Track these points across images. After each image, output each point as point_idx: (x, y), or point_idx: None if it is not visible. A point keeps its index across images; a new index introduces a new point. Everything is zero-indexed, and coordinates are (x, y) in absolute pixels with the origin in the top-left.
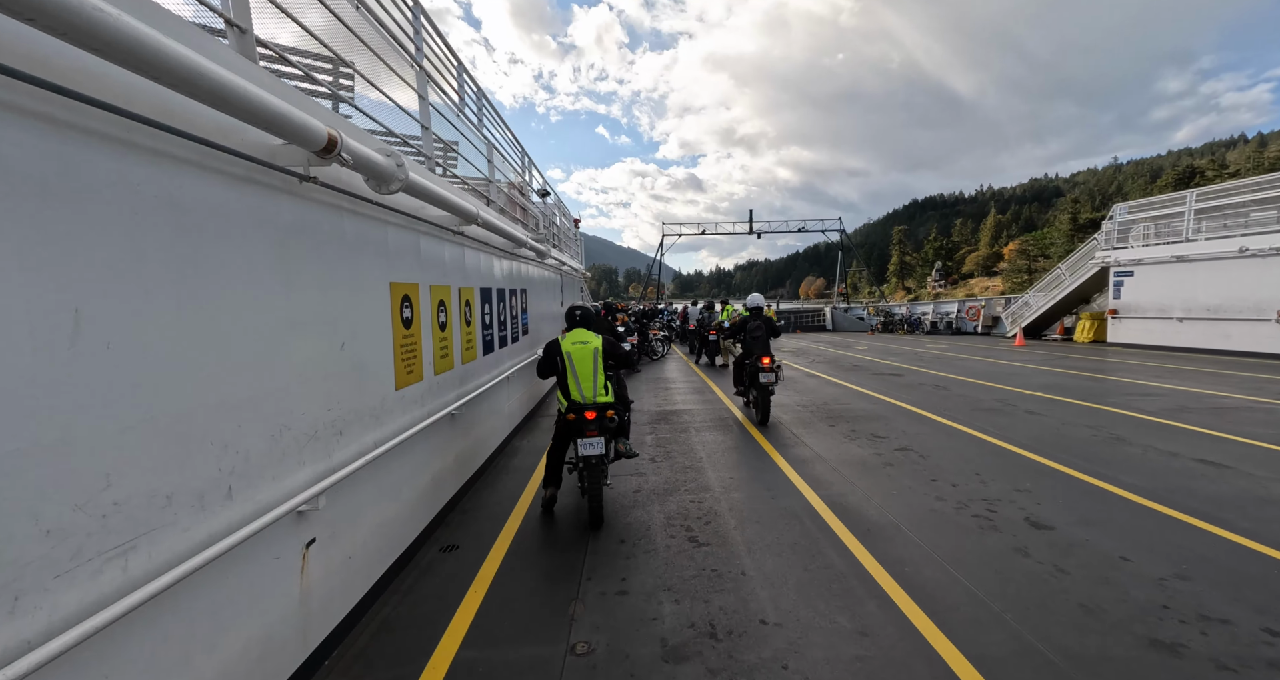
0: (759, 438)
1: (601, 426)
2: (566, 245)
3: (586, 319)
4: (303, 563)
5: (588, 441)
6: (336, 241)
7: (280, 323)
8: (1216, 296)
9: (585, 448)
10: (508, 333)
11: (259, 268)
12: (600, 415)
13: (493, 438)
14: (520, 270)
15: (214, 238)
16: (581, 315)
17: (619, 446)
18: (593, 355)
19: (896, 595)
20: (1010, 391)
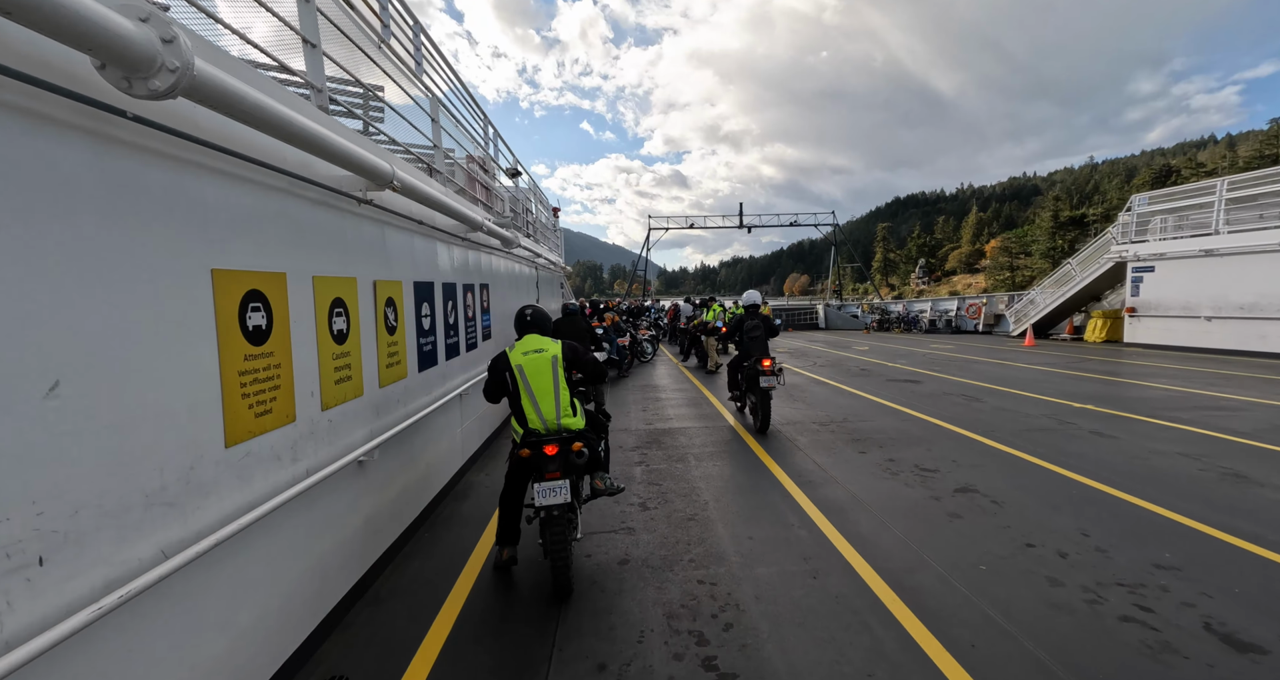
0: (776, 470)
1: (566, 464)
2: (544, 237)
3: (539, 321)
4: None
5: (548, 486)
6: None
7: None
8: (1251, 293)
9: (544, 495)
10: (459, 339)
11: None
12: (564, 449)
13: (435, 477)
14: (479, 261)
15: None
16: (533, 316)
17: (596, 482)
18: (550, 366)
19: None
20: (1056, 404)
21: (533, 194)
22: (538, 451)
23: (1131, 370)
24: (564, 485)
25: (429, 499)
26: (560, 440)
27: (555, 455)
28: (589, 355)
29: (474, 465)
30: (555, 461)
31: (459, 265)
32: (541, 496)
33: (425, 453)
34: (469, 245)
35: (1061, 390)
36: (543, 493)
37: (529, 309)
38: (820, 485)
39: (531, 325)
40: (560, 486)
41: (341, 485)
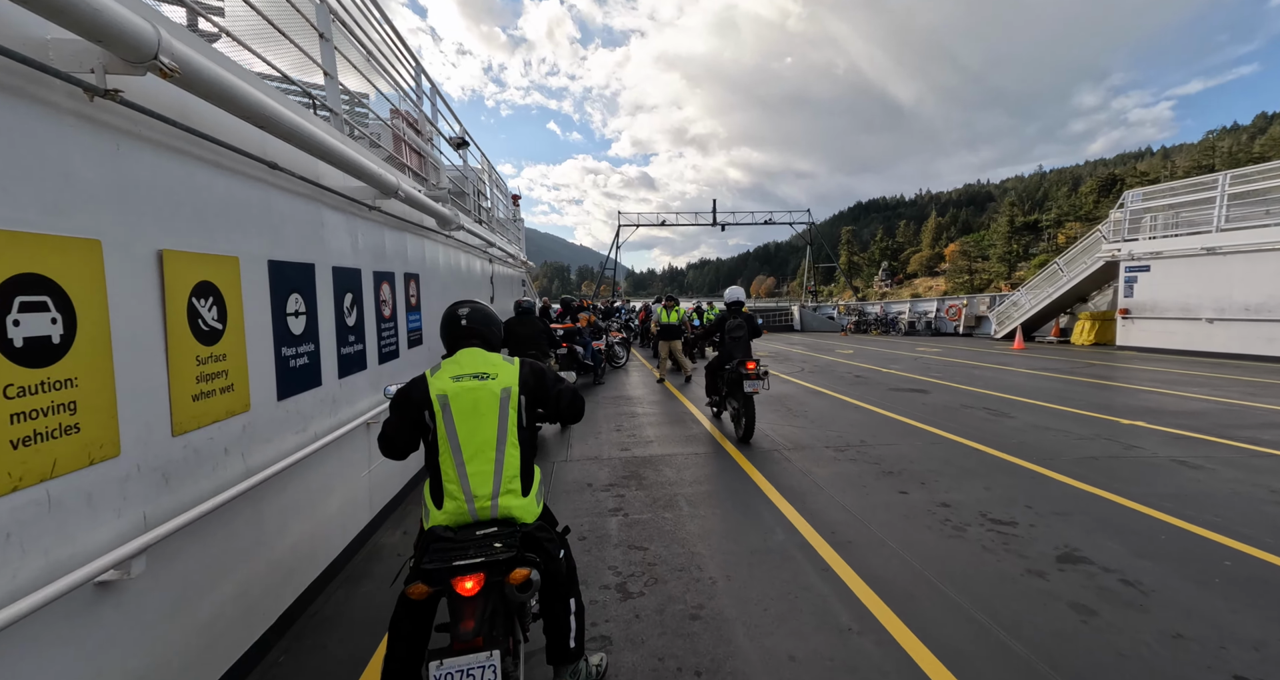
0: (799, 521)
1: (495, 617)
2: (502, 228)
3: (482, 327)
4: None
5: (455, 667)
6: None
7: None
8: (1258, 294)
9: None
10: (366, 346)
11: None
12: (493, 581)
13: (314, 555)
14: (403, 244)
15: None
16: (470, 318)
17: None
18: (498, 404)
19: None
20: (1098, 420)
21: (487, 175)
22: (444, 587)
23: (1148, 377)
24: (488, 664)
25: (299, 590)
26: (486, 565)
27: (477, 597)
28: (562, 385)
29: (388, 519)
30: (474, 611)
31: (366, 246)
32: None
33: (293, 524)
34: (387, 222)
35: (1091, 402)
36: (451, 678)
37: (465, 307)
38: (865, 548)
39: (468, 333)
40: (481, 668)
41: (54, 630)
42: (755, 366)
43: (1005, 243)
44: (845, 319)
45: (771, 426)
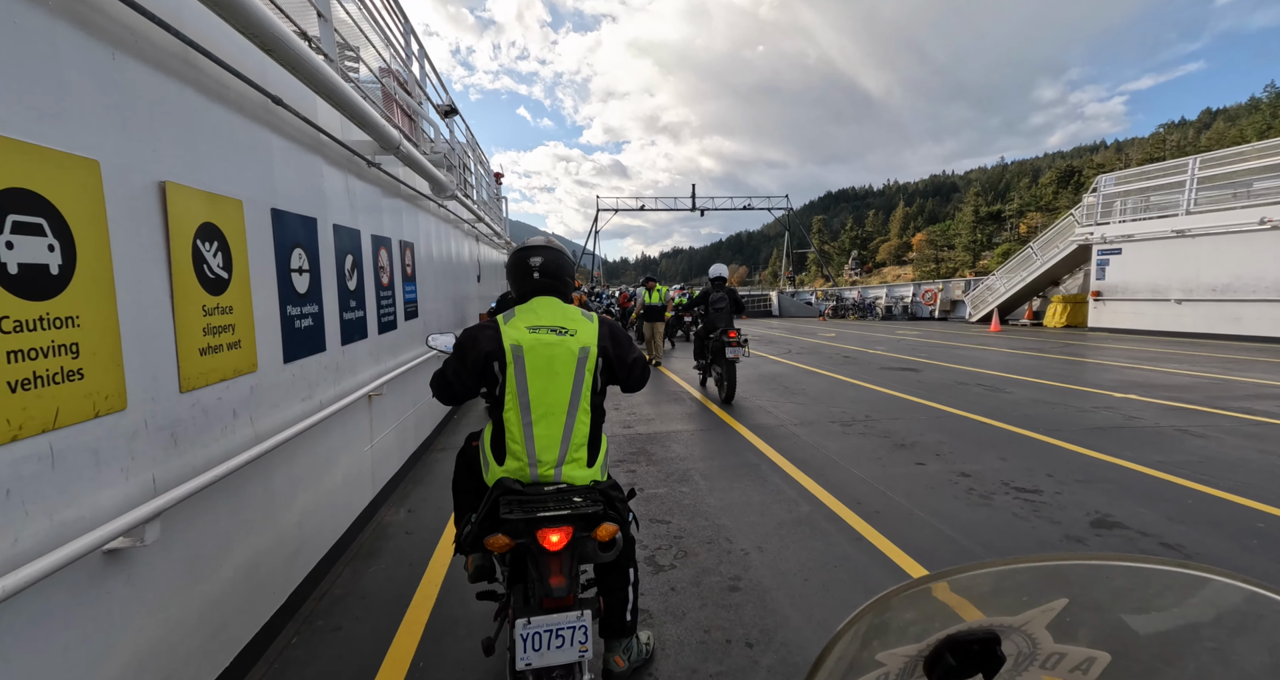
0: (819, 491)
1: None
2: (487, 208)
3: (555, 273)
4: None
5: (548, 626)
6: None
7: None
8: (1225, 275)
9: (540, 647)
10: (367, 313)
11: None
12: (580, 535)
13: (319, 533)
14: (399, 210)
15: None
16: (544, 265)
17: (616, 660)
18: (575, 364)
19: None
20: (1093, 394)
21: (470, 150)
22: (529, 541)
23: (1126, 354)
24: (578, 625)
25: (308, 568)
26: (573, 518)
27: (563, 551)
28: (636, 353)
29: (390, 496)
30: (562, 566)
31: (364, 206)
32: (530, 648)
33: (301, 497)
34: (383, 184)
35: (1080, 378)
36: (533, 641)
37: (535, 256)
38: (894, 517)
39: (542, 284)
40: (572, 628)
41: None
42: (736, 335)
43: (970, 232)
44: (823, 304)
45: (774, 404)
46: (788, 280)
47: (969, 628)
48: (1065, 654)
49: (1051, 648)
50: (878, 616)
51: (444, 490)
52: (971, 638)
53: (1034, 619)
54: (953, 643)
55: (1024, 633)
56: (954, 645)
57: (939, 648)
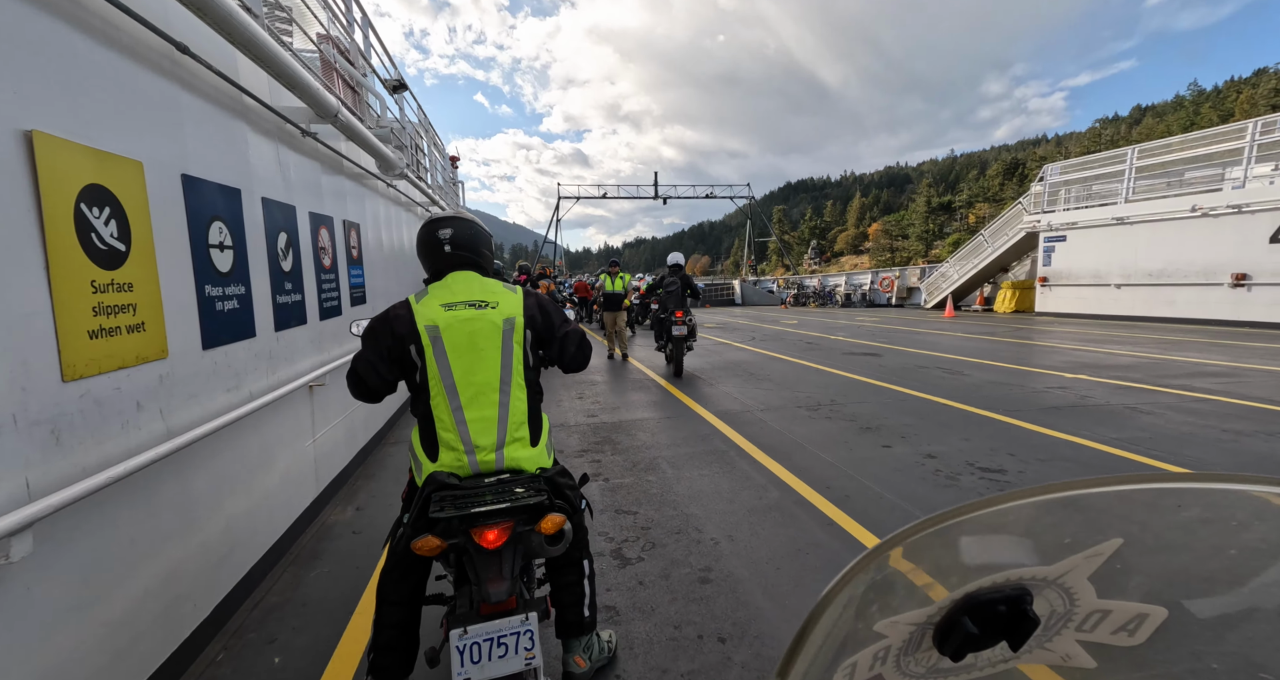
0: (790, 478)
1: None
2: (443, 192)
3: (471, 247)
4: None
5: (487, 633)
6: None
7: None
8: (1160, 260)
9: (480, 660)
10: (306, 298)
11: None
12: (521, 531)
13: (252, 538)
14: (343, 188)
15: None
16: (455, 237)
17: (576, 661)
18: (499, 337)
19: None
20: (1045, 375)
21: (424, 131)
22: (463, 539)
23: (1073, 337)
24: (522, 630)
25: (238, 576)
26: (512, 511)
27: (502, 549)
28: (570, 325)
29: (336, 494)
30: (501, 566)
31: (301, 180)
32: (472, 665)
33: (228, 499)
34: (323, 159)
35: (1032, 360)
36: (475, 651)
37: (445, 228)
38: (865, 501)
39: (455, 257)
40: (515, 634)
41: None
42: (682, 315)
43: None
44: (785, 292)
45: (740, 390)
46: (750, 269)
47: (992, 583)
48: (1110, 611)
49: (1093, 604)
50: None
51: (396, 485)
52: (996, 596)
53: (1076, 568)
54: (972, 604)
55: (1060, 587)
56: (973, 607)
57: (953, 611)
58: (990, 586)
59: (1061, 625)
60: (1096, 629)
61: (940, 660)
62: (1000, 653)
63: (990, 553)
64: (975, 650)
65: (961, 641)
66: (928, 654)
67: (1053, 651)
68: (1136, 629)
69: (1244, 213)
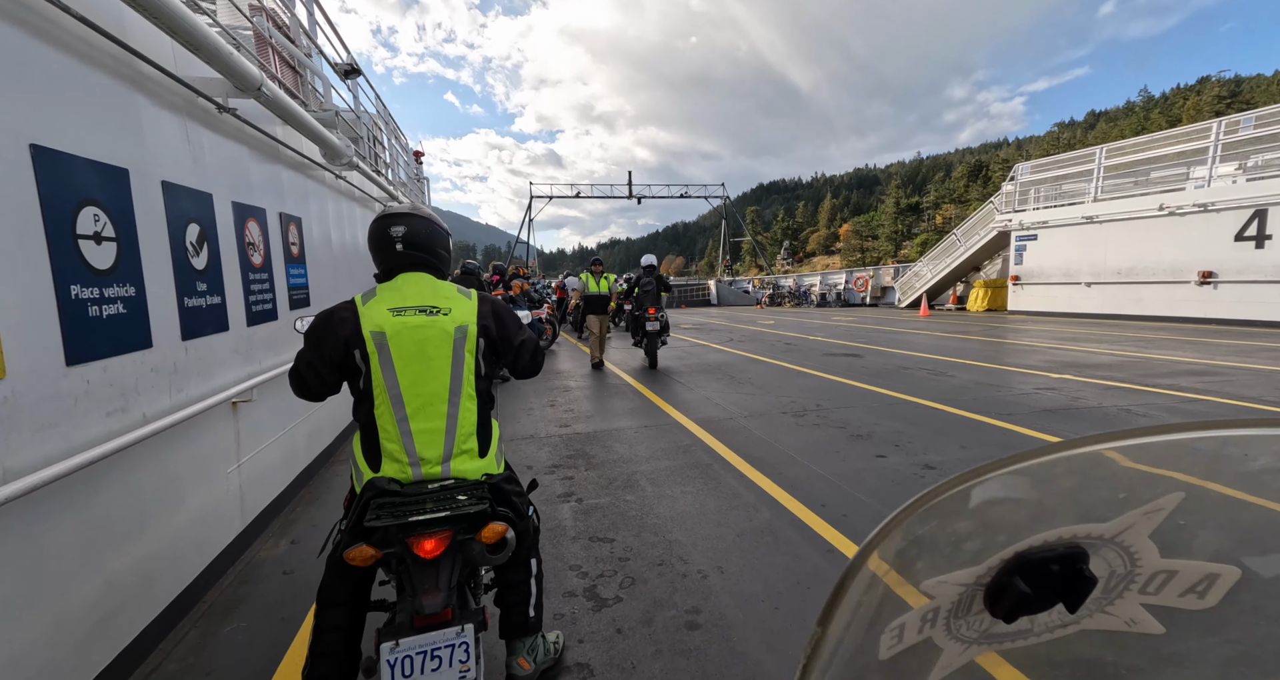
0: (780, 495)
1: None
2: (406, 190)
3: (424, 245)
4: None
5: (421, 645)
6: None
7: None
8: (1128, 259)
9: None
10: (227, 300)
11: None
12: (460, 540)
13: (132, 607)
14: (276, 176)
15: None
16: (409, 236)
17: (519, 662)
18: (450, 346)
19: None
20: (1030, 375)
21: (384, 123)
22: (400, 549)
23: (1049, 335)
24: (459, 642)
25: (123, 642)
26: (452, 520)
27: (440, 559)
28: (525, 334)
29: (271, 523)
30: (438, 577)
31: (219, 164)
32: (400, 675)
33: (110, 550)
34: (250, 141)
35: (1016, 359)
36: (407, 665)
37: (399, 225)
38: (865, 521)
39: (408, 257)
40: (450, 646)
41: None
42: (655, 312)
43: (892, 223)
44: (760, 292)
45: (721, 395)
46: (725, 269)
47: (1044, 542)
48: (1176, 572)
49: (1157, 565)
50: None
51: (340, 511)
52: (1048, 555)
53: (1135, 525)
54: (1023, 563)
55: (1119, 546)
56: (1024, 567)
57: (1004, 571)
58: (1042, 545)
59: (1123, 587)
60: (1162, 591)
61: (993, 624)
62: (1058, 617)
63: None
64: (1029, 612)
65: (1014, 603)
66: (980, 617)
67: (1115, 616)
68: (1207, 591)
69: (1209, 211)
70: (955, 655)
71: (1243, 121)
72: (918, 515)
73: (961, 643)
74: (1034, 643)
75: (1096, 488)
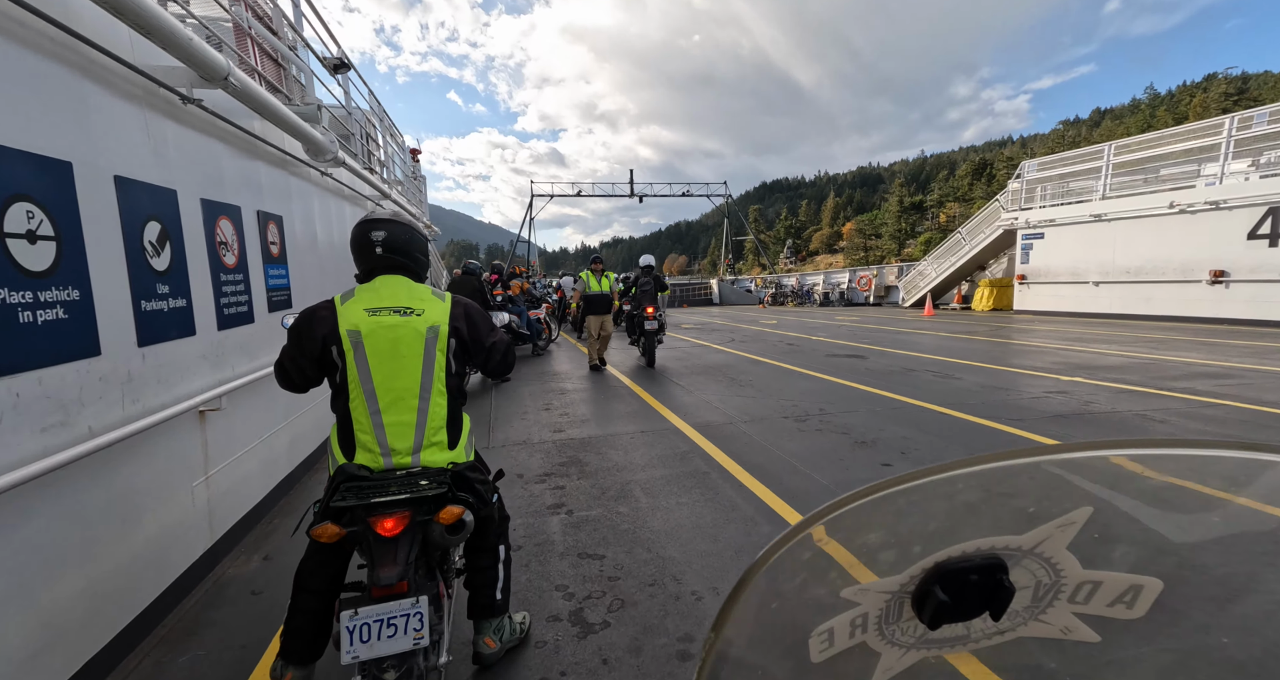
0: (790, 514)
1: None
2: (403, 190)
3: (403, 250)
4: None
5: (377, 616)
6: None
7: None
8: (1137, 258)
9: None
10: (193, 302)
11: None
12: (418, 521)
13: (80, 633)
14: (253, 172)
15: None
16: (389, 240)
17: (485, 642)
18: (422, 345)
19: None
20: (1039, 377)
21: (378, 120)
22: (363, 527)
23: (1057, 336)
24: (412, 612)
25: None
26: (412, 502)
27: (400, 537)
28: (496, 336)
29: (244, 538)
30: (396, 553)
31: (185, 158)
32: (358, 640)
33: (57, 574)
34: (223, 134)
35: (1024, 361)
36: (361, 632)
37: (379, 230)
38: None
39: (386, 260)
40: (405, 616)
41: None
42: (653, 312)
43: (896, 222)
44: (763, 291)
45: (721, 398)
46: (728, 268)
47: (961, 552)
48: (1101, 582)
49: (1080, 576)
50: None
51: None
52: (966, 565)
53: (1050, 538)
54: (942, 573)
55: (1039, 557)
56: (944, 576)
57: (926, 579)
58: (960, 556)
59: (1052, 597)
60: (1091, 601)
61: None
62: (993, 625)
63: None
64: (953, 621)
65: (936, 611)
66: (912, 623)
67: (1050, 624)
68: (1134, 601)
69: (1221, 209)
70: (894, 659)
71: (1255, 117)
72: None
73: (899, 647)
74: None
75: (1006, 502)
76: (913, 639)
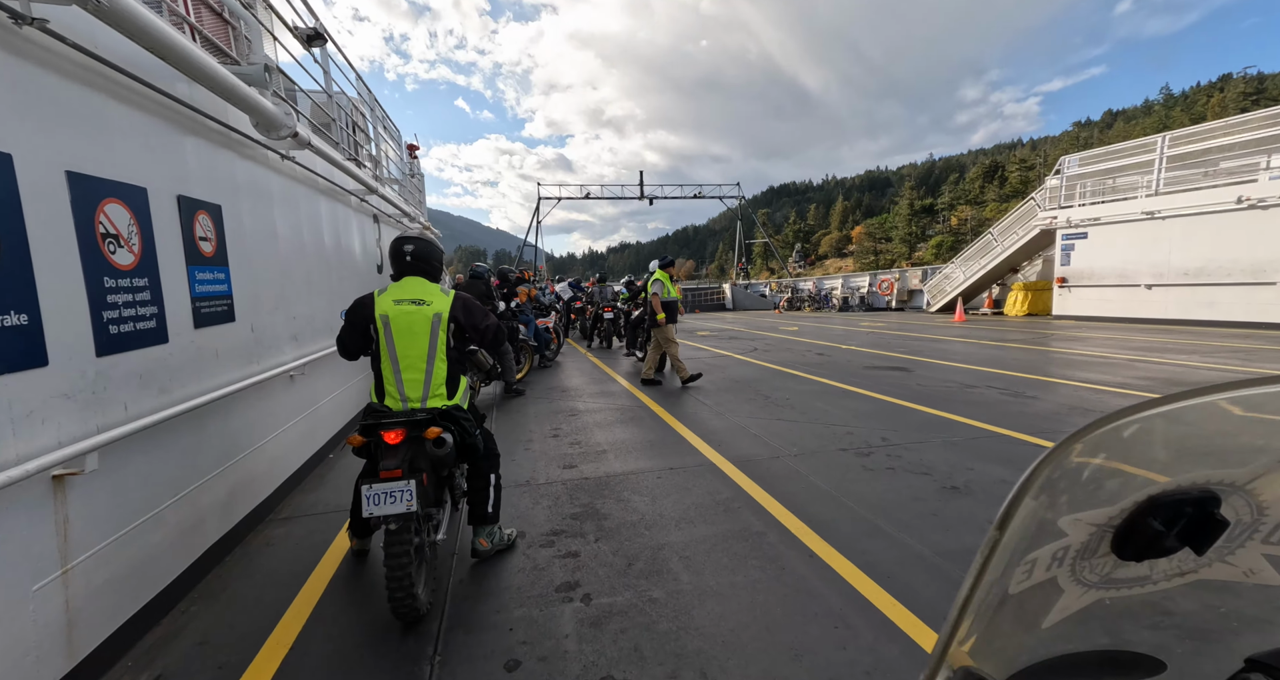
0: (894, 610)
1: (412, 461)
2: (401, 188)
3: (425, 260)
4: None
5: (381, 489)
6: None
7: None
8: (1198, 258)
9: (375, 501)
10: (44, 318)
11: None
12: (413, 436)
13: None
14: (175, 145)
15: None
16: (415, 253)
17: (479, 543)
18: (429, 327)
19: None
20: (1116, 394)
21: (368, 109)
22: (373, 438)
23: (1118, 344)
24: (404, 489)
25: None
26: (408, 424)
27: (399, 445)
28: (489, 321)
29: (133, 649)
30: (396, 453)
31: (44, 114)
32: (371, 503)
33: None
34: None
35: (1091, 376)
36: (373, 498)
37: (410, 245)
38: None
39: (413, 266)
40: (399, 491)
41: None
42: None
43: (906, 225)
44: (778, 296)
45: (758, 423)
46: (740, 272)
47: (1178, 486)
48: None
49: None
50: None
51: (260, 605)
52: (1182, 498)
53: (1265, 475)
54: (1155, 506)
55: (1248, 495)
56: (1157, 509)
57: (1138, 511)
58: (1176, 489)
59: (1247, 537)
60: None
61: (1115, 570)
62: (1178, 565)
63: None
64: (1156, 555)
65: (1143, 544)
66: (1104, 560)
67: (1235, 566)
68: None
69: None
70: (1074, 598)
71: None
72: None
73: (1082, 586)
74: (1150, 591)
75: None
76: (1096, 577)
